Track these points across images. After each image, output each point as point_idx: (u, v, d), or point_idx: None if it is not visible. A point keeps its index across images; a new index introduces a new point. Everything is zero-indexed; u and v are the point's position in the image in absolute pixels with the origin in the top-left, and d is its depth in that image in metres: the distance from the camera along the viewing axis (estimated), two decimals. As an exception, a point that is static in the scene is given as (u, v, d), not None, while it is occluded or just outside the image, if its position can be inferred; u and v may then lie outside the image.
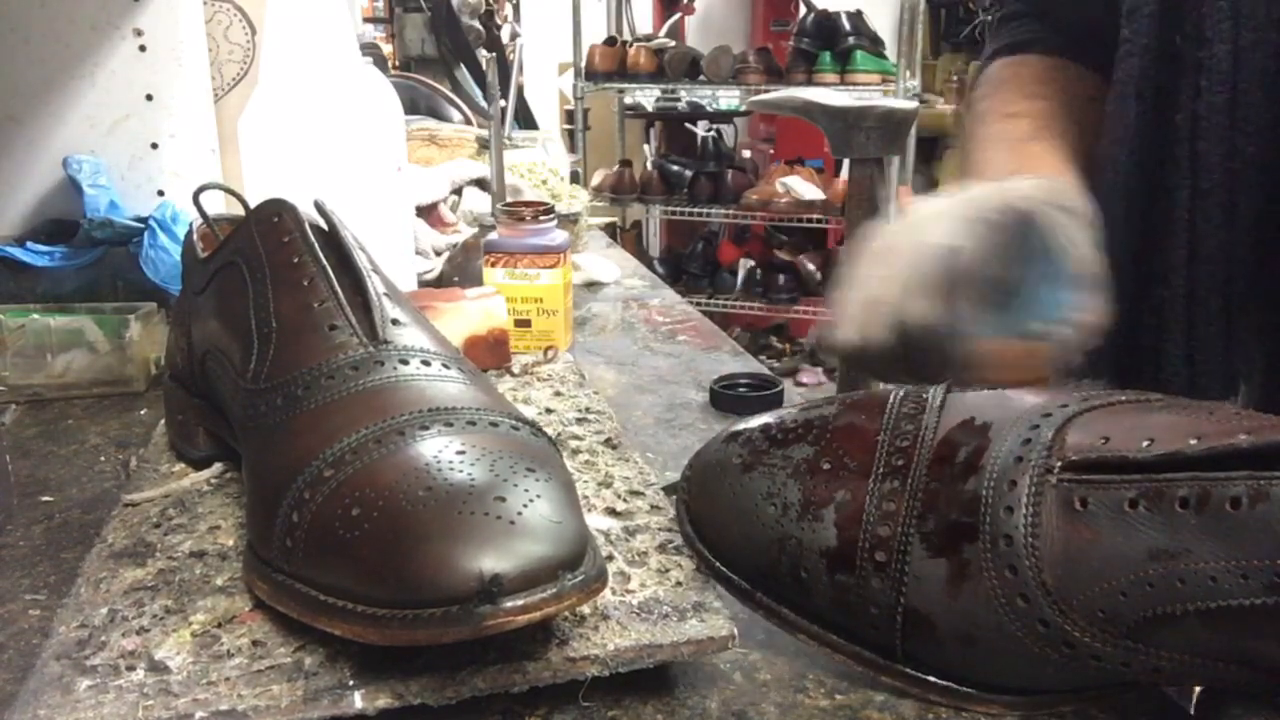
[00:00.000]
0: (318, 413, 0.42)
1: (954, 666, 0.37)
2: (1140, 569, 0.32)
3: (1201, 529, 0.31)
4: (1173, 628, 0.32)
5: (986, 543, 0.35)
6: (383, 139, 0.85)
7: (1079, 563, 0.33)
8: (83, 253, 0.80)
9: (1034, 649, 0.34)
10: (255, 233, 0.49)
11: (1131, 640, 0.33)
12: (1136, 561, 0.32)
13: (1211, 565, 0.31)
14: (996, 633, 0.35)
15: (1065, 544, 0.33)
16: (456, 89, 1.73)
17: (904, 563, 0.36)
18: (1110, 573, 0.32)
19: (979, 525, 0.35)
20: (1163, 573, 0.31)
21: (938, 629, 0.36)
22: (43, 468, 0.60)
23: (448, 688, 0.36)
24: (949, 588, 0.35)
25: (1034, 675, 0.35)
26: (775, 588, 0.40)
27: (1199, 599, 0.31)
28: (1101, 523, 0.33)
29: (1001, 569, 0.34)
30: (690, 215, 3.48)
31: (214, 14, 0.83)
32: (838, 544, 0.38)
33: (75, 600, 0.41)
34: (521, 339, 0.77)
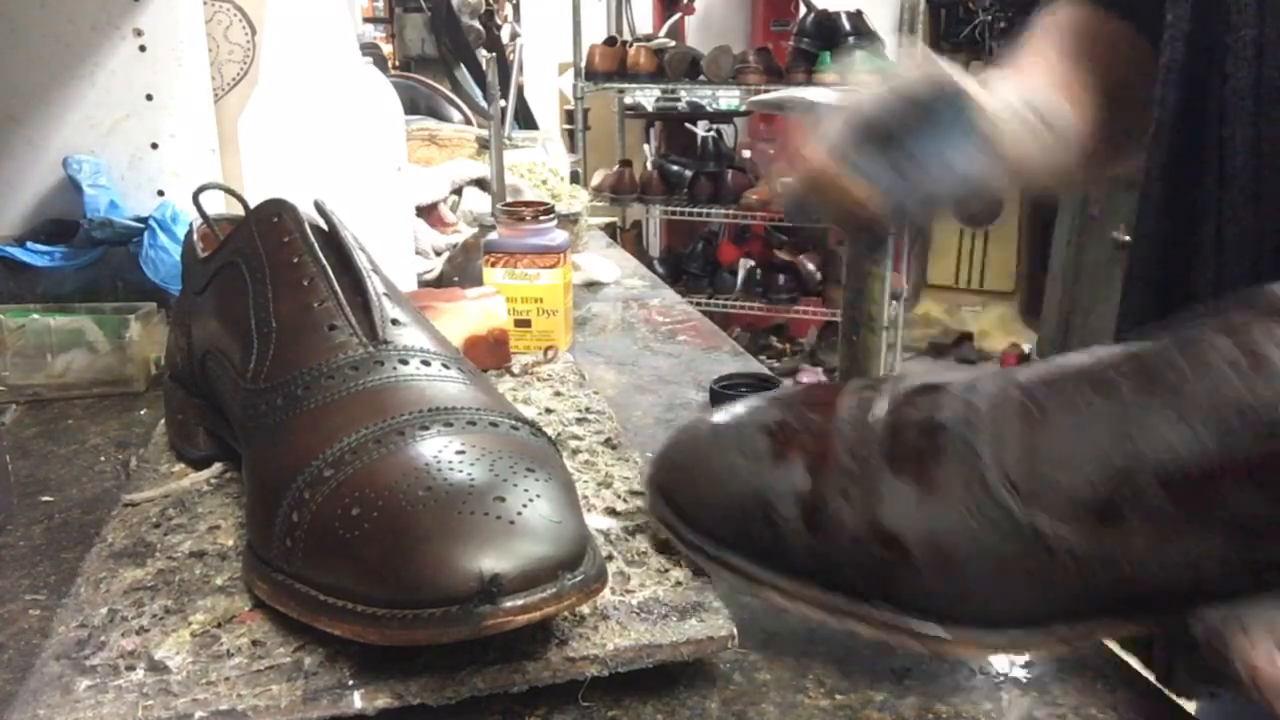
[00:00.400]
0: (317, 413, 0.42)
1: (930, 595, 0.36)
2: (1098, 450, 0.32)
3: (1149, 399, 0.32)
4: (1138, 500, 0.32)
5: (953, 457, 0.35)
6: (383, 139, 0.85)
7: (1041, 460, 0.33)
8: (83, 253, 0.80)
9: (1005, 549, 0.34)
10: (255, 233, 0.49)
11: (1098, 522, 0.33)
12: (1094, 445, 0.32)
13: (1163, 429, 0.31)
14: (969, 540, 0.35)
15: (1026, 448, 0.34)
16: (456, 89, 1.73)
17: (873, 489, 0.37)
18: (1071, 461, 0.33)
19: (943, 444, 0.36)
20: (1119, 449, 0.32)
21: (912, 553, 0.36)
22: (43, 468, 0.60)
23: (447, 688, 0.36)
24: (919, 504, 0.36)
25: (1014, 587, 0.35)
26: (747, 544, 0.39)
27: (1155, 463, 0.31)
28: (1058, 421, 0.33)
29: (968, 478, 0.35)
30: (690, 215, 3.48)
31: (214, 14, 0.82)
32: (810, 483, 0.38)
33: (75, 600, 0.41)
34: (521, 339, 0.77)
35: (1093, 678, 0.40)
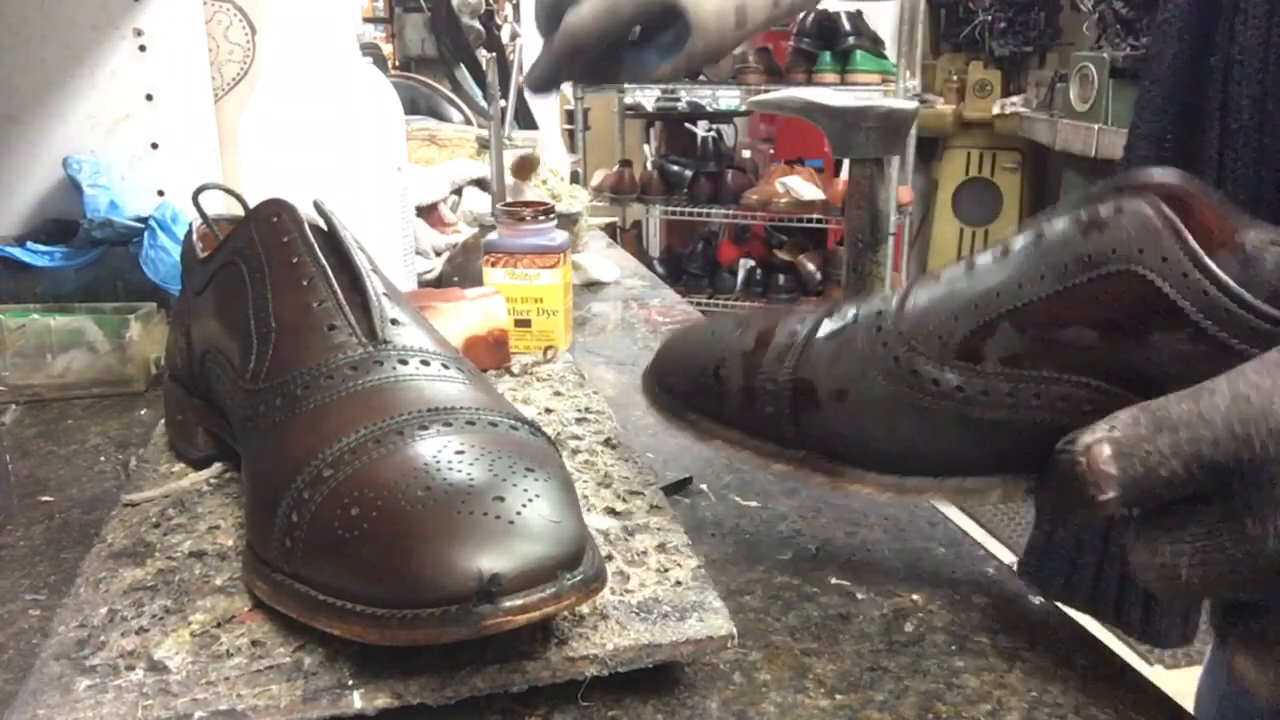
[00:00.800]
0: (317, 412, 0.42)
1: (832, 433, 0.42)
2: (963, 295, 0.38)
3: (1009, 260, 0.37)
4: (992, 338, 0.37)
5: (865, 321, 0.42)
6: (383, 139, 0.85)
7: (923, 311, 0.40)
8: (83, 253, 0.80)
9: (889, 388, 0.40)
10: (254, 233, 0.49)
11: (960, 358, 0.38)
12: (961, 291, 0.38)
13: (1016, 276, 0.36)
14: (863, 381, 0.41)
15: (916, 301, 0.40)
16: (456, 89, 1.73)
17: (802, 348, 0.44)
18: (942, 304, 0.39)
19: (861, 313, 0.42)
20: (980, 293, 0.37)
21: (818, 392, 0.42)
22: (43, 468, 0.60)
23: (447, 688, 0.36)
24: (832, 357, 0.42)
25: (893, 424, 0.40)
26: (697, 397, 0.47)
27: (1006, 302, 0.36)
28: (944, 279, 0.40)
29: (871, 330, 0.41)
30: (690, 215, 3.48)
31: (214, 14, 0.83)
32: (753, 346, 0.46)
33: (75, 600, 0.41)
34: (521, 339, 0.77)
35: (1093, 678, 0.40)
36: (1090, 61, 2.94)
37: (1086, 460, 0.31)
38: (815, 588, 0.47)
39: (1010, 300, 0.36)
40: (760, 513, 0.54)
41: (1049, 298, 0.35)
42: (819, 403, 0.43)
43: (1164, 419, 0.30)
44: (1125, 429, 0.30)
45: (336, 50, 0.82)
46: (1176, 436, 0.29)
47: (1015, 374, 0.37)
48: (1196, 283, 0.31)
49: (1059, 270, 0.35)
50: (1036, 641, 0.43)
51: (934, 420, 0.39)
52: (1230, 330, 0.31)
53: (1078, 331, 0.35)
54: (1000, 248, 0.39)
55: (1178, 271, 0.31)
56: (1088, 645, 0.42)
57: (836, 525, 0.53)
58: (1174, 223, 0.32)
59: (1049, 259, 0.35)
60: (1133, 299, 0.32)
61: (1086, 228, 0.34)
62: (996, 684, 0.40)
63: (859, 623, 0.44)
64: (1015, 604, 0.46)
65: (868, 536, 0.52)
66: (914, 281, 0.42)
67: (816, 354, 0.43)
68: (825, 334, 0.44)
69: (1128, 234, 0.33)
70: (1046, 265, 0.35)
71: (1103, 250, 0.33)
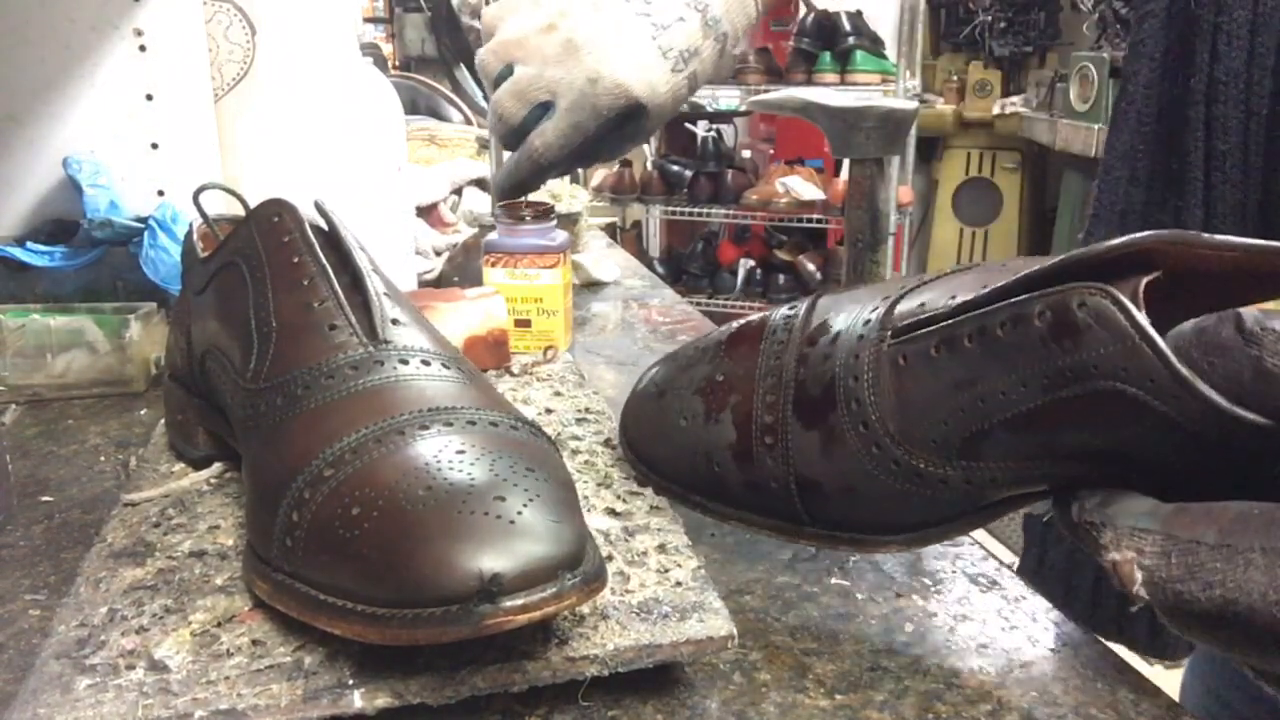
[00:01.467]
0: (317, 412, 0.42)
1: (847, 518, 0.43)
2: (951, 400, 0.38)
3: (983, 356, 0.37)
4: (988, 440, 0.37)
5: (843, 409, 0.41)
6: (383, 139, 0.85)
7: (909, 407, 0.39)
8: (83, 253, 0.80)
9: (896, 486, 0.40)
10: (255, 233, 0.49)
11: (962, 459, 0.38)
12: (946, 394, 0.38)
13: (997, 383, 0.36)
14: (866, 479, 0.41)
15: (897, 395, 0.40)
16: (456, 89, 1.73)
17: (787, 440, 0.43)
18: (931, 409, 0.38)
19: (836, 396, 0.42)
20: (966, 398, 0.37)
21: (824, 488, 0.43)
22: (43, 468, 0.60)
23: (447, 687, 0.36)
24: (823, 452, 0.42)
25: (907, 510, 0.41)
26: (701, 487, 0.47)
27: (997, 412, 0.36)
28: (917, 371, 0.39)
29: (857, 426, 0.41)
30: (690, 215, 3.48)
31: (214, 14, 0.82)
32: (736, 437, 0.45)
33: (75, 600, 0.41)
34: (521, 339, 0.77)
35: (1093, 678, 0.40)
36: (1090, 61, 2.94)
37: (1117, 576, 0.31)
38: (815, 588, 0.47)
39: (1000, 410, 0.36)
40: (760, 513, 0.54)
41: (1038, 409, 0.35)
42: (827, 496, 0.43)
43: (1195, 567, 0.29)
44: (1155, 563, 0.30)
45: (336, 50, 0.82)
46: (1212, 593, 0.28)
47: (1019, 466, 0.37)
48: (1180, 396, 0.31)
49: (1042, 381, 0.34)
50: (1036, 641, 0.43)
51: (946, 502, 0.40)
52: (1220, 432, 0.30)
53: (1072, 435, 0.35)
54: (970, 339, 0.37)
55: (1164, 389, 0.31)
56: (1088, 645, 0.42)
57: (836, 525, 0.53)
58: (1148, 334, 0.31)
59: (1031, 367, 0.35)
60: (1122, 412, 0.32)
61: (1060, 332, 0.34)
62: (996, 684, 0.40)
63: (859, 623, 0.44)
64: (1015, 604, 0.46)
65: (868, 536, 0.52)
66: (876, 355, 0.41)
67: (805, 449, 0.43)
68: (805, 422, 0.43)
69: (1105, 349, 0.32)
70: (1030, 372, 0.35)
71: (1084, 366, 0.33)
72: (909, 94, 3.06)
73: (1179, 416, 0.31)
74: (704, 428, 0.47)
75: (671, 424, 0.48)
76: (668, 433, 0.49)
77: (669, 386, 0.50)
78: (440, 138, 1.21)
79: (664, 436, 0.49)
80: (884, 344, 0.40)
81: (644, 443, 0.51)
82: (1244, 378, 0.29)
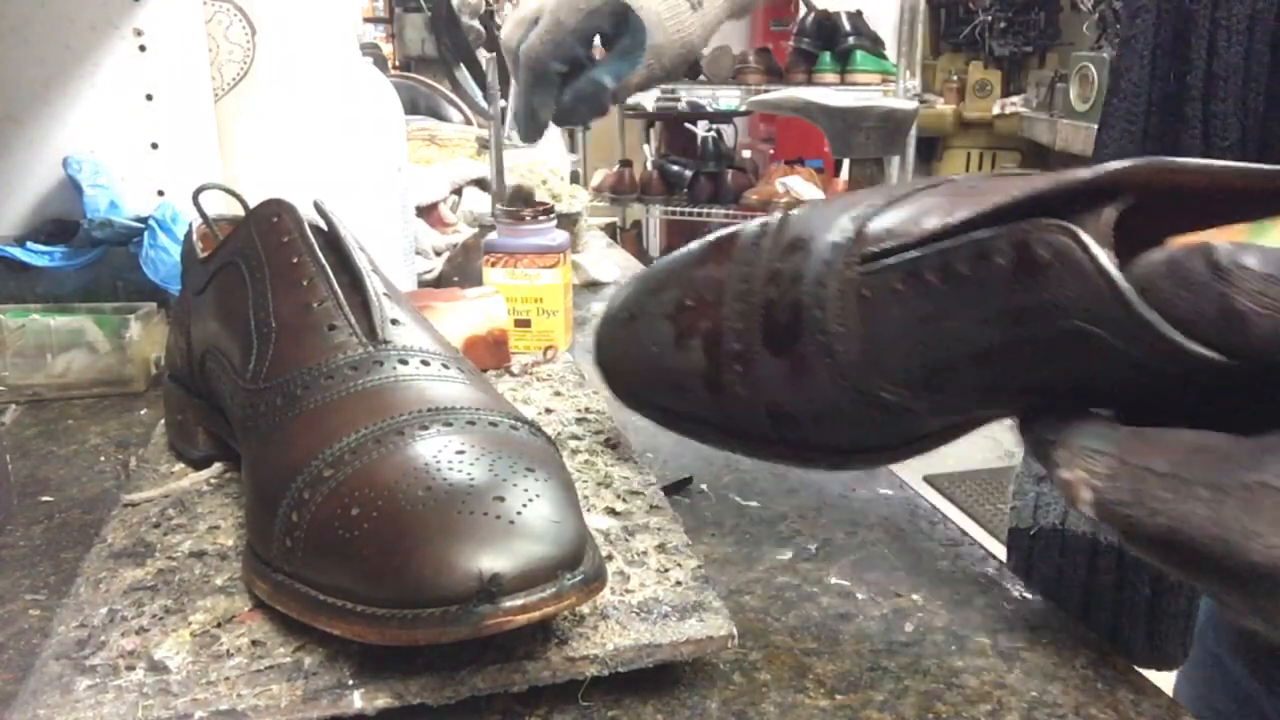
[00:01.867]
0: (317, 412, 0.42)
1: (820, 438, 0.44)
2: (915, 334, 0.38)
3: (948, 292, 0.36)
4: (953, 375, 0.37)
5: (810, 339, 0.42)
6: (383, 139, 0.85)
7: (874, 340, 0.39)
8: (83, 253, 0.80)
9: (863, 414, 0.41)
10: (255, 233, 0.49)
11: (928, 392, 0.39)
12: (911, 329, 0.38)
13: (960, 319, 0.36)
14: (834, 408, 0.42)
15: (863, 327, 0.40)
16: (456, 89, 1.73)
17: (755, 368, 0.44)
18: (896, 343, 0.39)
19: (803, 326, 0.42)
20: (931, 333, 0.37)
21: (795, 413, 0.44)
22: (43, 468, 0.60)
23: (447, 688, 0.36)
24: (792, 380, 0.43)
25: (874, 433, 0.43)
26: (677, 407, 0.49)
27: (960, 348, 0.36)
28: (883, 304, 0.39)
29: (823, 357, 0.41)
30: (690, 215, 3.48)
31: (214, 14, 0.82)
32: (706, 364, 0.46)
33: (75, 600, 0.41)
34: (521, 339, 0.77)
35: (1093, 678, 0.40)
36: (1090, 61, 2.94)
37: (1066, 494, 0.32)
38: (815, 588, 0.47)
39: (965, 347, 0.36)
40: (760, 513, 0.54)
41: (1001, 346, 0.35)
42: (798, 421, 0.44)
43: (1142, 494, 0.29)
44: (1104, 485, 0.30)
45: (336, 50, 0.82)
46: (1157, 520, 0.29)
47: (982, 399, 0.38)
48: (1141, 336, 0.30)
49: (1006, 319, 0.34)
50: (1036, 641, 0.43)
51: (898, 426, 0.42)
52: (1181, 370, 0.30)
53: (1034, 370, 0.35)
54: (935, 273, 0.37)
55: (1126, 328, 0.30)
56: (1088, 645, 0.42)
57: (836, 525, 0.53)
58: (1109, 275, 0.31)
59: (994, 304, 0.34)
60: (1084, 350, 0.32)
61: (1020, 268, 0.33)
62: (996, 684, 0.40)
63: (859, 623, 0.44)
64: (1015, 604, 0.46)
65: (867, 536, 0.52)
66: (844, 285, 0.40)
67: (774, 377, 0.43)
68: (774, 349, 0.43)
69: (1067, 289, 0.32)
70: (993, 310, 0.34)
71: (1045, 304, 0.33)
72: (909, 94, 3.06)
73: (1140, 355, 0.30)
74: (674, 354, 0.47)
75: (641, 351, 0.49)
76: (639, 357, 0.49)
77: (639, 310, 0.50)
78: (440, 138, 1.21)
79: (635, 361, 0.50)
80: (849, 271, 0.40)
81: (617, 366, 0.52)
82: (1210, 314, 0.28)
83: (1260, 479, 0.27)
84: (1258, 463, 0.27)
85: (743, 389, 0.45)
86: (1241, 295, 0.28)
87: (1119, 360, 0.31)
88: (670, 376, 0.48)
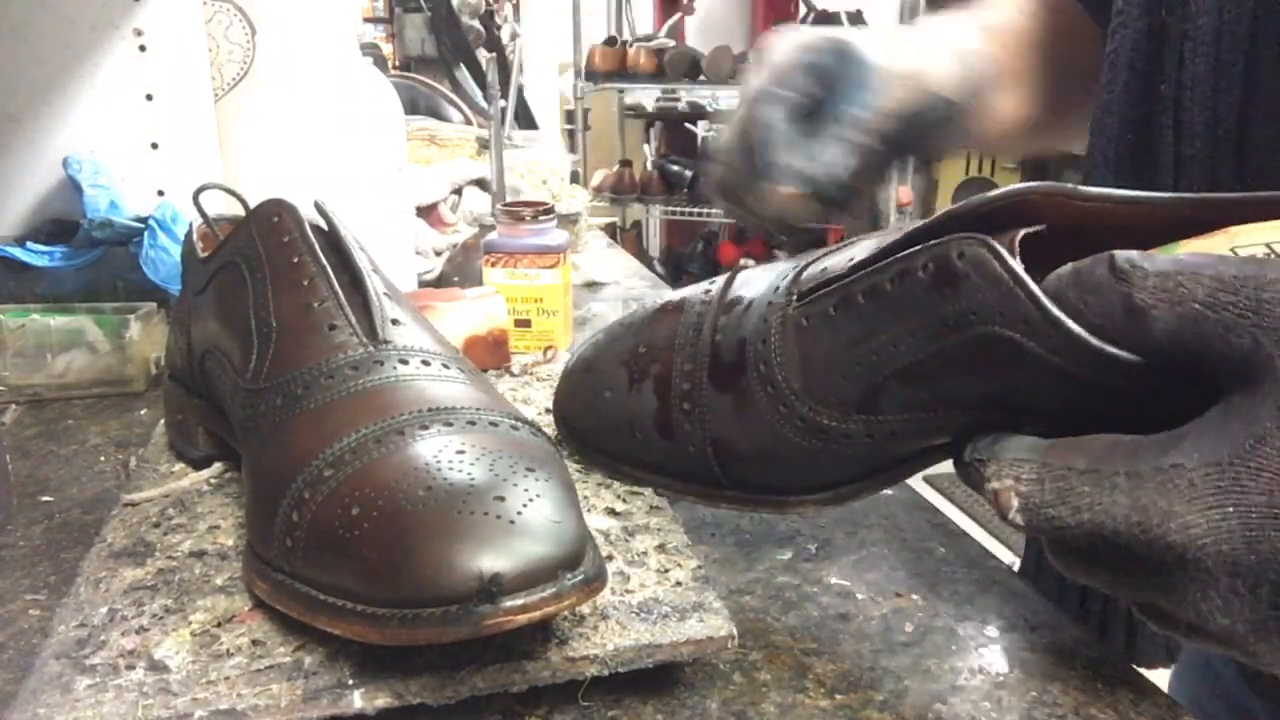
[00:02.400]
0: (317, 412, 0.42)
1: (764, 479, 0.45)
2: (848, 355, 0.39)
3: (875, 311, 0.38)
4: (883, 393, 0.38)
5: (753, 372, 0.43)
6: (383, 139, 0.85)
7: (811, 365, 0.41)
8: (83, 253, 0.80)
9: (804, 444, 0.42)
10: (255, 233, 0.49)
11: (861, 413, 0.40)
12: (844, 351, 0.39)
13: (888, 336, 0.37)
14: (776, 439, 0.43)
15: (800, 354, 0.41)
16: (456, 89, 1.73)
17: (702, 405, 0.45)
18: (831, 366, 0.40)
19: (746, 360, 0.44)
20: (861, 353, 0.39)
21: (739, 449, 0.45)
22: (43, 468, 0.60)
23: (448, 687, 0.36)
24: (736, 414, 0.44)
25: (818, 468, 0.43)
26: (628, 454, 0.50)
27: (889, 364, 0.38)
28: (818, 331, 0.41)
29: (765, 387, 0.43)
30: (690, 215, 3.48)
31: (214, 14, 0.83)
32: (656, 406, 0.47)
33: (75, 600, 0.41)
34: (521, 339, 0.77)
35: (1093, 678, 0.40)
36: (1090, 62, 2.94)
37: (996, 504, 0.32)
38: (815, 588, 0.47)
39: (892, 362, 0.37)
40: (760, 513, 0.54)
41: (926, 359, 0.36)
42: (742, 457, 0.45)
43: (1066, 492, 0.30)
44: (1030, 489, 0.31)
45: (336, 50, 0.82)
46: (1080, 517, 0.30)
47: (915, 417, 0.38)
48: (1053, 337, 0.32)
49: (929, 330, 0.36)
50: (1036, 641, 0.43)
51: (853, 459, 0.42)
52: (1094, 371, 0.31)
53: (959, 382, 0.36)
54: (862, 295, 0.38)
55: (1038, 330, 0.32)
56: (1088, 645, 0.43)
57: (836, 525, 0.53)
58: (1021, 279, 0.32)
59: (917, 318, 0.36)
60: (1003, 356, 0.33)
61: (940, 280, 0.35)
62: (996, 684, 0.40)
63: (859, 623, 0.44)
64: (1015, 604, 0.46)
65: (867, 536, 0.52)
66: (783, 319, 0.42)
67: (719, 411, 0.45)
68: (719, 386, 0.45)
69: (983, 295, 0.33)
70: (916, 323, 0.36)
71: (963, 312, 0.34)
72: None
73: (1053, 357, 0.32)
74: (627, 397, 0.49)
75: (597, 397, 0.51)
76: (594, 404, 0.51)
77: (595, 362, 0.52)
78: (440, 138, 1.21)
79: (590, 408, 0.51)
80: (789, 308, 0.42)
81: (573, 416, 0.53)
82: (1115, 315, 0.30)
83: (1174, 461, 0.28)
84: (1172, 447, 0.28)
85: (690, 425, 0.46)
86: (1142, 292, 0.29)
87: (1037, 366, 0.32)
88: (622, 419, 0.49)
